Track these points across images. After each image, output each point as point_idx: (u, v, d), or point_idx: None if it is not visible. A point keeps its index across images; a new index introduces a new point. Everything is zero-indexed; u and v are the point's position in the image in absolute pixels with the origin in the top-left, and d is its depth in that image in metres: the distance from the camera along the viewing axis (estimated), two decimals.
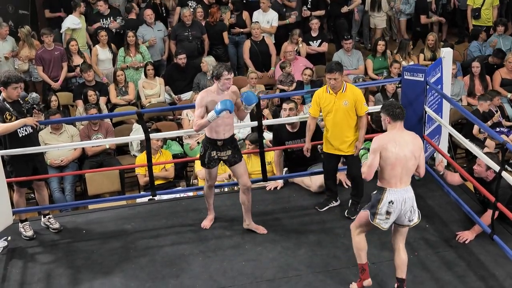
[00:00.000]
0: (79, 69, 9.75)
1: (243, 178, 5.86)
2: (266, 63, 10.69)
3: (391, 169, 4.84)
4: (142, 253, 5.85)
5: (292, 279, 5.40)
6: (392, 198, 4.85)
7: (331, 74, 5.93)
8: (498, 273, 5.31)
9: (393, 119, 4.93)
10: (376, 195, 4.93)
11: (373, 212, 4.91)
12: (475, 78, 9.70)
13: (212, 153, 5.77)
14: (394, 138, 4.89)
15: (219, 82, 5.57)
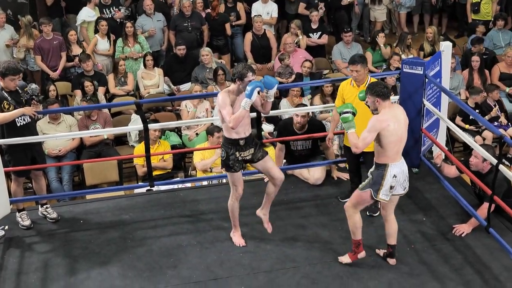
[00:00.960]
0: (78, 59, 9.74)
1: (274, 171, 5.60)
2: (266, 56, 10.69)
3: (394, 146, 5.03)
4: (139, 243, 5.86)
5: (289, 270, 5.42)
6: (395, 172, 5.05)
7: (353, 66, 5.92)
8: (494, 266, 5.33)
9: (383, 98, 5.03)
10: (377, 172, 5.08)
11: (376, 189, 5.07)
12: (474, 72, 9.70)
13: (235, 154, 5.45)
14: (391, 116, 5.02)
15: (242, 83, 5.30)
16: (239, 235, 5.82)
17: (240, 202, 6.27)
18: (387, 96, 5.06)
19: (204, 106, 8.92)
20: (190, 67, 9.96)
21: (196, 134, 8.73)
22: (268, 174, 5.65)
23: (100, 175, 8.14)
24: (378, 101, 5.04)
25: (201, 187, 7.05)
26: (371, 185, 5.11)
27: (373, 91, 5.06)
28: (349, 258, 5.42)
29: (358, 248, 5.37)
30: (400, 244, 5.66)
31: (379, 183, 5.05)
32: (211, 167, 7.67)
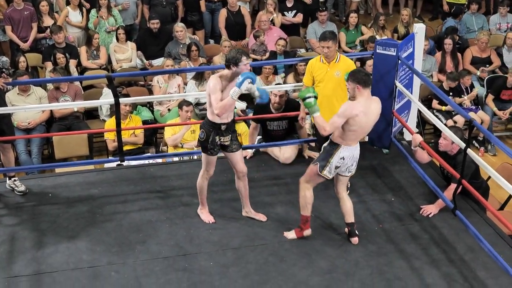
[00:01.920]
0: (49, 30, 9.60)
1: (239, 164, 5.62)
2: (241, 33, 10.64)
3: (353, 134, 5.11)
4: (108, 218, 5.84)
5: (258, 247, 5.44)
6: (344, 155, 5.15)
7: (324, 42, 5.87)
8: (459, 247, 5.41)
9: (364, 86, 5.06)
10: (329, 148, 5.18)
11: (323, 165, 5.17)
12: (447, 55, 9.76)
13: (215, 138, 5.41)
14: (364, 108, 5.05)
15: (237, 68, 5.24)
16: (207, 212, 5.83)
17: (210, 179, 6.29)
18: (368, 84, 5.07)
19: (176, 82, 8.87)
20: (163, 42, 9.88)
21: (168, 109, 8.69)
22: (233, 166, 5.67)
23: (69, 148, 8.06)
24: (358, 88, 5.05)
25: (172, 163, 7.02)
26: (320, 160, 5.21)
27: (355, 78, 5.05)
28: (295, 234, 5.50)
29: (305, 224, 5.44)
30: (369, 224, 5.72)
31: (327, 160, 5.15)
32: (182, 143, 7.65)
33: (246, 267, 5.21)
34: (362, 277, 5.10)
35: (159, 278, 5.10)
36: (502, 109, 9.18)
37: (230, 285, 5.02)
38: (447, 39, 9.79)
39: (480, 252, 5.30)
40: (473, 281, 5.05)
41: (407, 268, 5.20)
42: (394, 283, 5.03)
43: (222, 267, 5.22)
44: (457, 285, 5.01)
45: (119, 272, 5.16)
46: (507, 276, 4.93)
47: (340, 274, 5.13)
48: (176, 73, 8.96)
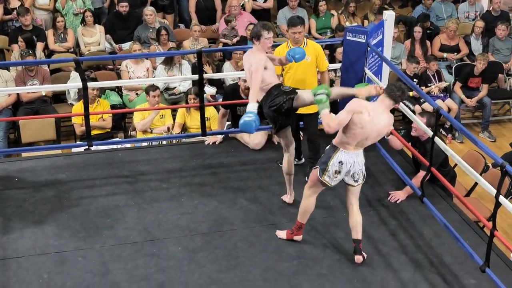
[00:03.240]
0: (16, 12, 9.43)
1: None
2: (211, 17, 10.59)
3: (356, 138, 4.84)
4: (75, 203, 5.78)
5: (226, 233, 5.44)
6: (342, 159, 4.90)
7: (295, 28, 5.77)
8: (426, 233, 5.47)
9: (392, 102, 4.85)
10: (328, 151, 4.97)
11: (323, 169, 4.96)
12: (416, 42, 9.82)
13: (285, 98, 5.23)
14: (373, 111, 4.81)
15: (259, 42, 5.27)
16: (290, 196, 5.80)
17: (179, 164, 6.29)
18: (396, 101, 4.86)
19: (145, 66, 8.79)
20: (133, 26, 9.78)
21: (137, 94, 8.62)
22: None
23: (36, 132, 7.98)
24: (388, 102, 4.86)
25: (141, 148, 6.98)
26: (320, 163, 5.02)
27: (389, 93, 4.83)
28: (285, 235, 5.36)
29: (298, 230, 5.29)
30: (337, 210, 5.75)
31: (326, 163, 4.94)
32: (151, 128, 7.61)
33: (214, 252, 5.21)
34: (330, 263, 5.12)
35: (127, 263, 5.07)
36: (470, 97, 9.29)
37: (198, 270, 5.01)
38: (417, 26, 9.85)
39: (446, 238, 5.36)
40: (440, 266, 5.11)
41: (375, 253, 5.24)
42: (361, 269, 5.06)
43: (190, 252, 5.20)
44: (423, 271, 5.06)
45: (86, 258, 5.11)
46: (472, 261, 5.00)
47: (308, 260, 5.15)
48: (145, 57, 8.89)
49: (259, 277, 4.96)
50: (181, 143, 7.14)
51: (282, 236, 5.39)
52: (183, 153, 6.62)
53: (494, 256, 5.00)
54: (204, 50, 7.49)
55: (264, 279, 4.94)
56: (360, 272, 5.03)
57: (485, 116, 9.37)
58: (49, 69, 8.88)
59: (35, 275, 4.91)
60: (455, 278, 4.99)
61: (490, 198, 5.96)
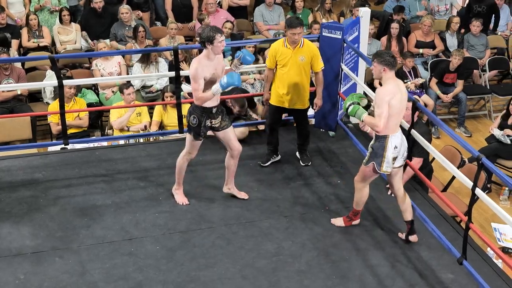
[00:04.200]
0: None
1: (232, 142, 5.54)
2: (188, 15, 10.55)
3: (396, 117, 4.97)
4: (52, 203, 5.74)
5: (204, 231, 5.43)
6: (395, 143, 5.01)
7: (295, 29, 5.80)
8: (403, 228, 5.49)
9: (390, 68, 4.95)
10: (379, 144, 5.02)
11: (380, 162, 5.04)
12: (393, 39, 9.86)
13: (207, 122, 5.37)
14: (396, 87, 4.95)
15: (212, 46, 5.20)
16: (182, 193, 5.80)
17: (156, 162, 6.27)
18: (394, 66, 4.96)
19: (115, 61, 8.72)
20: (108, 22, 9.72)
21: (113, 92, 8.56)
22: (227, 145, 5.59)
23: (12, 132, 7.89)
24: (385, 70, 4.94)
25: (118, 146, 6.93)
26: (373, 158, 5.07)
27: (382, 59, 4.92)
28: (343, 222, 5.48)
29: (355, 216, 5.46)
30: (315, 206, 5.76)
31: (381, 155, 5.01)
32: (128, 126, 7.56)
33: (192, 251, 5.20)
34: (308, 259, 5.14)
35: (105, 263, 5.04)
36: (446, 93, 9.36)
37: (176, 268, 5.00)
38: (394, 23, 9.89)
39: (424, 232, 5.40)
40: (417, 261, 5.15)
41: (353, 249, 5.26)
42: (340, 265, 5.09)
43: (168, 250, 5.19)
44: (400, 266, 5.09)
45: (63, 258, 5.08)
46: (449, 255, 5.04)
47: (286, 257, 5.16)
48: (121, 54, 8.83)
49: (238, 275, 4.96)
50: (158, 141, 7.11)
51: (340, 224, 5.48)
52: (160, 151, 6.59)
53: (472, 250, 5.06)
54: (181, 47, 7.46)
55: (243, 277, 4.94)
56: (339, 268, 5.05)
57: (461, 112, 9.45)
58: (25, 68, 8.80)
59: (11, 276, 4.87)
60: (433, 272, 5.03)
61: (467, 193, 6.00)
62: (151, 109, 7.95)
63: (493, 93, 9.88)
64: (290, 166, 6.31)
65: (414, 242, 5.33)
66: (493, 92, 9.89)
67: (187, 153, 5.58)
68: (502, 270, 5.12)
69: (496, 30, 10.87)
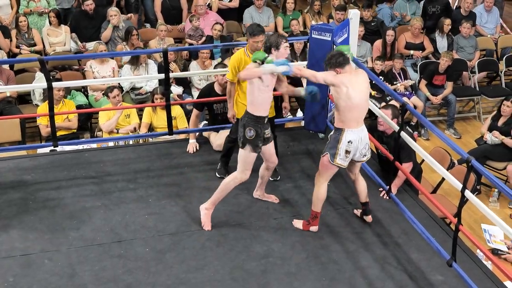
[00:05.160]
0: None
1: (273, 156, 5.52)
2: (177, 17, 10.54)
3: (349, 112, 5.06)
4: (41, 205, 5.71)
5: (194, 233, 5.42)
6: (350, 138, 5.10)
7: (257, 37, 5.65)
8: (393, 230, 5.51)
9: (342, 66, 5.04)
10: (334, 136, 5.15)
11: (333, 153, 5.14)
12: (387, 45, 9.84)
13: (262, 132, 5.26)
14: (348, 81, 5.03)
15: (278, 51, 5.19)
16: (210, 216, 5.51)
17: (146, 164, 6.25)
18: (344, 64, 5.05)
19: (110, 65, 8.71)
20: (99, 24, 9.69)
21: (103, 94, 8.54)
22: (268, 157, 5.54)
23: (1, 134, 7.85)
24: (338, 71, 5.04)
25: (107, 148, 6.92)
26: (329, 149, 5.18)
27: (330, 64, 5.03)
28: (301, 226, 5.48)
29: (314, 220, 5.40)
30: (305, 208, 5.75)
31: (335, 147, 5.12)
32: (117, 128, 7.54)
33: (182, 253, 5.19)
34: (298, 261, 5.14)
35: (94, 265, 5.02)
36: (435, 94, 9.38)
37: (166, 270, 4.99)
38: (389, 30, 9.86)
39: (413, 234, 5.42)
40: (406, 263, 5.16)
41: (342, 251, 5.27)
42: (329, 266, 5.09)
43: (158, 253, 5.17)
44: (390, 268, 5.10)
45: (53, 260, 5.06)
46: (439, 257, 5.06)
47: (276, 258, 5.16)
48: (111, 56, 8.81)
49: (228, 277, 4.95)
50: (148, 143, 7.10)
51: (299, 226, 5.48)
52: (149, 153, 6.58)
53: (461, 252, 5.08)
54: (170, 49, 7.44)
55: (232, 279, 4.93)
56: (328, 270, 5.05)
57: (450, 113, 9.48)
58: (14, 70, 8.76)
59: (0, 279, 4.84)
60: (422, 274, 5.04)
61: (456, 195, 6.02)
62: (140, 111, 7.94)
63: (483, 95, 9.91)
64: (279, 168, 6.30)
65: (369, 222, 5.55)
66: (482, 94, 9.92)
67: (241, 172, 5.33)
68: (491, 272, 5.14)
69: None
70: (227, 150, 6.18)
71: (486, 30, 11.01)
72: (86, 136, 8.13)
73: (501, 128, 7.97)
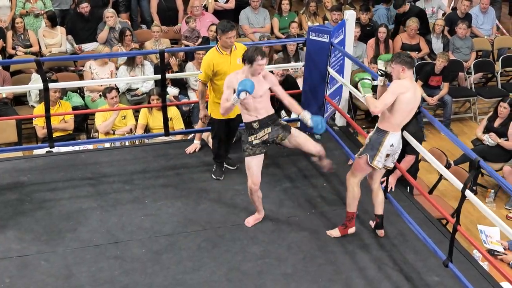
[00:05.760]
0: None
1: (308, 145, 5.40)
2: (173, 18, 10.55)
3: (403, 116, 5.00)
4: (38, 206, 5.71)
5: (191, 234, 5.42)
6: (393, 141, 5.04)
7: (229, 33, 5.64)
8: (389, 230, 5.51)
9: (409, 67, 4.97)
10: (377, 137, 5.06)
11: (373, 154, 5.06)
12: (380, 43, 9.88)
13: (249, 138, 5.24)
14: (413, 87, 4.99)
15: (251, 67, 5.14)
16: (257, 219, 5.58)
17: (142, 165, 6.24)
18: (412, 66, 4.99)
19: (109, 68, 8.72)
20: (95, 26, 9.68)
21: (100, 95, 8.54)
22: (304, 150, 5.45)
23: None
24: (403, 70, 4.95)
25: (103, 149, 6.91)
26: (368, 150, 5.08)
27: (400, 60, 4.95)
28: (339, 232, 5.39)
29: (350, 222, 5.34)
30: (301, 209, 5.76)
31: (377, 149, 5.03)
32: (113, 129, 7.54)
33: (179, 254, 5.18)
34: (294, 262, 5.14)
35: (90, 266, 5.01)
36: (431, 95, 9.39)
37: (162, 271, 4.98)
38: (382, 27, 9.90)
39: (409, 235, 5.41)
40: (403, 263, 5.16)
41: (339, 252, 5.26)
42: (326, 268, 5.09)
43: (154, 254, 5.17)
44: (387, 268, 5.10)
45: (49, 261, 5.05)
46: (436, 258, 5.06)
47: (272, 259, 5.16)
48: (106, 57, 8.80)
49: (224, 278, 4.95)
50: (144, 144, 7.10)
51: (336, 234, 5.40)
52: (146, 154, 6.58)
53: (458, 253, 5.08)
54: (167, 50, 7.45)
55: (228, 280, 4.93)
56: (325, 271, 5.05)
57: (446, 114, 9.49)
58: (10, 71, 8.75)
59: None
60: (419, 275, 5.04)
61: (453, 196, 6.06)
62: (136, 112, 7.93)
63: (479, 96, 9.93)
64: (276, 168, 6.30)
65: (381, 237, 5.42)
66: (478, 95, 9.93)
67: (249, 180, 5.31)
68: (488, 273, 5.14)
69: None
70: (216, 152, 6.17)
71: (482, 31, 11.03)
72: (82, 137, 8.13)
73: (497, 129, 7.98)
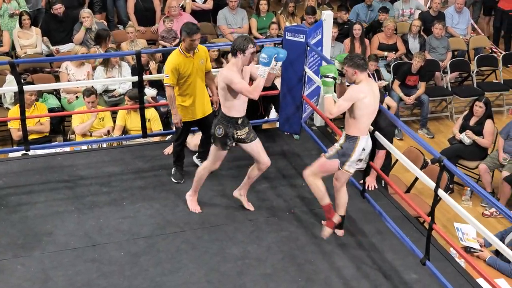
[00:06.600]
0: None
1: (263, 156, 5.48)
2: (150, 18, 10.50)
3: (367, 119, 5.04)
4: (13, 210, 5.64)
5: (169, 236, 5.39)
6: (363, 146, 5.06)
7: (195, 35, 5.61)
8: (367, 230, 5.53)
9: (361, 70, 4.99)
10: (348, 144, 5.06)
11: (344, 161, 5.07)
12: (355, 40, 9.93)
13: (233, 132, 5.31)
14: (369, 90, 4.99)
15: (243, 55, 5.15)
16: (196, 201, 5.73)
17: (120, 167, 6.21)
18: (365, 68, 5.01)
19: (85, 69, 8.65)
20: (69, 27, 9.60)
21: (76, 97, 8.47)
22: (255, 158, 5.51)
23: None
24: (356, 73, 4.97)
25: (80, 151, 6.85)
26: (339, 156, 5.08)
27: (352, 63, 4.96)
28: (329, 228, 5.36)
29: (330, 212, 5.33)
30: (280, 209, 5.76)
31: (348, 155, 5.05)
32: (90, 131, 7.48)
33: (157, 256, 5.15)
34: (274, 262, 5.14)
35: (68, 270, 4.97)
36: (408, 95, 9.45)
37: (141, 274, 4.95)
38: (356, 24, 9.96)
39: (387, 234, 5.44)
40: (381, 262, 5.18)
41: (318, 252, 5.27)
42: (305, 267, 5.09)
43: (133, 256, 5.14)
44: (365, 267, 5.12)
45: (25, 265, 5.00)
46: (413, 256, 5.08)
47: (252, 260, 5.15)
48: (83, 59, 8.73)
49: (203, 279, 4.93)
50: (122, 146, 7.05)
51: (329, 232, 5.37)
52: (123, 156, 6.53)
53: (435, 251, 5.11)
54: (143, 51, 7.41)
55: (208, 281, 4.91)
56: (304, 271, 5.06)
57: (423, 113, 9.56)
58: None
59: None
60: (397, 273, 5.06)
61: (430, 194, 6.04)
62: (114, 113, 7.88)
63: (455, 95, 10.01)
64: None
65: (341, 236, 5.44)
66: (454, 94, 10.01)
67: (210, 164, 5.51)
68: (464, 270, 5.17)
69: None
70: (177, 155, 6.15)
71: (457, 31, 11.12)
72: (58, 140, 8.05)
73: (473, 128, 8.05)
